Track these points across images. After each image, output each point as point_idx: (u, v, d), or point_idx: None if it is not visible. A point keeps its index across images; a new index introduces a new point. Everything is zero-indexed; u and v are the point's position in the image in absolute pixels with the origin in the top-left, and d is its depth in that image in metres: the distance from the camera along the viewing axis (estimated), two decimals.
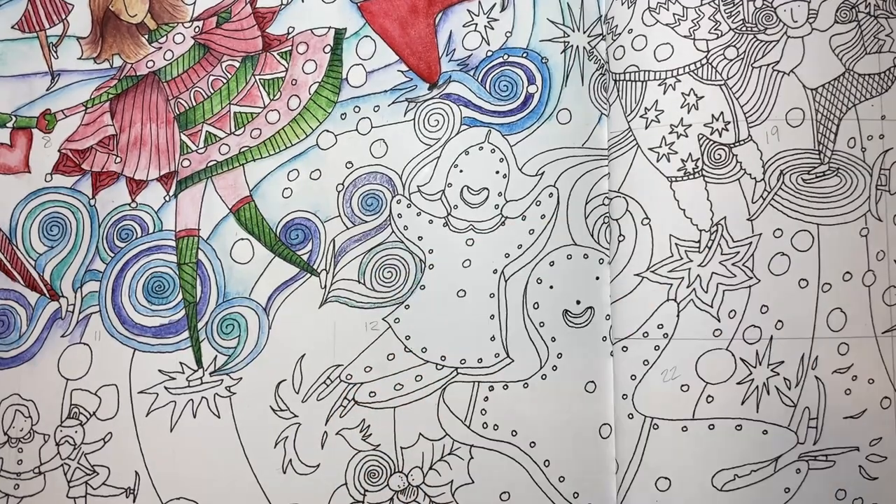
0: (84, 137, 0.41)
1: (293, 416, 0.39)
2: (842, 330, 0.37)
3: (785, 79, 0.37)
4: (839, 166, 0.37)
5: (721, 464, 0.36)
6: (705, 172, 0.37)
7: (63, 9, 0.41)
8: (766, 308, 0.37)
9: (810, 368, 0.36)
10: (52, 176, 0.41)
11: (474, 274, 0.39)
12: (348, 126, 0.40)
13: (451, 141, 0.40)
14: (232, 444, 0.39)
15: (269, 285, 0.40)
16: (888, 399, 0.36)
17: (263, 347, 0.39)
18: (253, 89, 0.40)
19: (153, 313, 0.40)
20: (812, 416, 0.36)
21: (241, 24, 0.41)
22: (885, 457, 0.36)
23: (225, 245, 0.40)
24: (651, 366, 0.37)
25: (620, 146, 0.39)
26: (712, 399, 0.36)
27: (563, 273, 0.39)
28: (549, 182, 0.39)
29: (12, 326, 0.40)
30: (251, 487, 0.39)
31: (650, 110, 0.38)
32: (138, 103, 0.41)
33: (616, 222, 0.38)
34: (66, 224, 0.40)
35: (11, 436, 0.39)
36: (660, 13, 0.38)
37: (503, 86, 0.40)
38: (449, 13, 0.40)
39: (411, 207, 0.39)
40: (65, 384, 0.40)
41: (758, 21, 0.37)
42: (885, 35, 0.37)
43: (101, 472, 0.39)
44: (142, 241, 0.40)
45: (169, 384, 0.39)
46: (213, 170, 0.40)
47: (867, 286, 0.37)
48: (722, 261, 0.37)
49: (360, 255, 0.39)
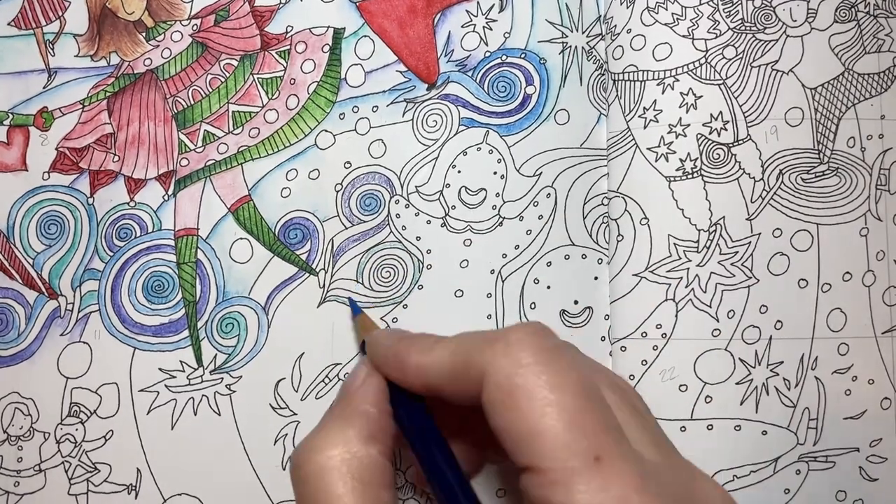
0: (82, 136, 0.40)
1: (292, 413, 0.38)
2: (841, 330, 0.36)
3: (784, 78, 0.36)
4: (839, 166, 0.36)
5: (720, 464, 0.35)
6: (704, 172, 0.36)
7: (60, 6, 0.40)
8: (765, 308, 0.36)
9: (810, 369, 0.36)
10: (50, 174, 0.40)
11: (472, 274, 0.38)
12: (347, 126, 0.39)
13: (449, 142, 0.39)
14: (232, 440, 0.38)
15: (268, 285, 0.39)
16: (888, 400, 0.36)
17: (263, 346, 0.38)
18: (251, 88, 0.40)
19: (153, 312, 0.39)
20: (812, 416, 0.36)
21: (239, 23, 0.40)
22: (886, 458, 0.36)
23: (224, 244, 0.39)
24: (649, 366, 0.36)
25: (619, 146, 0.38)
26: (711, 399, 0.36)
27: (561, 273, 0.38)
28: (546, 182, 0.39)
29: (11, 325, 0.39)
30: (251, 483, 0.38)
31: (649, 110, 0.37)
32: (136, 101, 0.40)
33: (615, 222, 0.38)
34: (65, 222, 0.40)
35: (11, 434, 0.39)
36: (658, 13, 0.37)
37: (501, 87, 0.39)
38: (447, 14, 0.39)
39: (409, 208, 0.39)
40: (65, 382, 0.39)
41: (757, 20, 0.37)
42: (884, 34, 0.37)
43: (103, 469, 0.38)
44: (141, 240, 0.39)
45: (169, 382, 0.39)
46: (211, 169, 0.40)
47: (867, 286, 0.36)
48: (721, 261, 0.36)
49: (358, 255, 0.39)
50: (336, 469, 0.26)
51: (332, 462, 0.26)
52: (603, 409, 0.24)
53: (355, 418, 0.28)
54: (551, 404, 0.23)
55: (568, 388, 0.23)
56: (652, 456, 0.25)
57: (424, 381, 0.28)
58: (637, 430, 0.25)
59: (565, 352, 0.25)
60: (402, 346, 0.29)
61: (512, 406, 0.24)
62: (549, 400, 0.23)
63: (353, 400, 0.29)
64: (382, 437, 0.28)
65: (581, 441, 0.23)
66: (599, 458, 0.22)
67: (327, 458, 0.26)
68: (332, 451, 0.26)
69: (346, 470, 0.26)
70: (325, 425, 0.28)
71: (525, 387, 0.24)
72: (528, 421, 0.23)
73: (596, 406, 0.24)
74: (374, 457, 0.27)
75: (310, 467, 0.26)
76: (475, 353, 0.25)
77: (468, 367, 0.25)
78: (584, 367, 0.25)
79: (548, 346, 0.24)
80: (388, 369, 0.29)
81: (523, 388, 0.24)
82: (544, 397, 0.23)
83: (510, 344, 0.25)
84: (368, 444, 0.27)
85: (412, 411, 0.29)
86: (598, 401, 0.24)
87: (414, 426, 0.28)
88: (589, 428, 0.23)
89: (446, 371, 0.27)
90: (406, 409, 0.29)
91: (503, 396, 0.24)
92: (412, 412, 0.29)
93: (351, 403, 0.28)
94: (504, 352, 0.24)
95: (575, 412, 0.23)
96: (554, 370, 0.24)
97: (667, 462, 0.25)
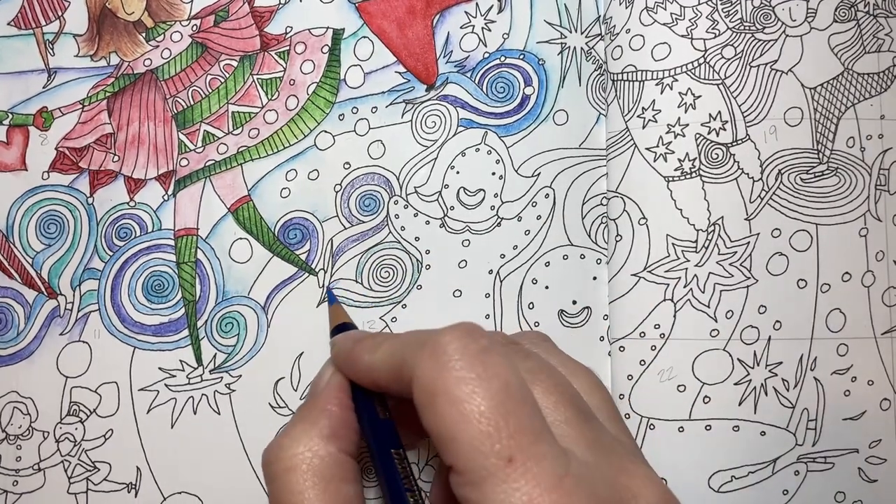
0: (81, 135, 0.40)
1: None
2: (841, 331, 0.35)
3: (783, 78, 0.36)
4: (838, 166, 0.36)
5: (718, 465, 0.35)
6: (703, 172, 0.36)
7: (59, 6, 0.40)
8: (764, 308, 0.35)
9: (809, 369, 0.35)
10: (50, 174, 0.40)
11: (470, 274, 0.38)
12: (346, 127, 0.39)
13: (447, 142, 0.38)
14: (232, 439, 0.38)
15: (267, 284, 0.38)
16: (888, 401, 0.35)
17: (262, 346, 0.38)
18: (251, 89, 0.39)
19: (153, 312, 0.39)
20: (811, 417, 0.35)
21: (238, 24, 0.40)
22: (885, 459, 0.35)
23: (224, 244, 0.39)
24: (648, 366, 0.36)
25: (618, 146, 0.37)
26: (709, 400, 0.35)
27: (560, 273, 0.38)
28: (545, 183, 0.38)
29: (10, 324, 0.39)
30: (251, 482, 0.37)
31: (647, 110, 0.37)
32: (136, 102, 0.40)
33: (613, 222, 0.37)
34: (64, 222, 0.39)
35: (10, 433, 0.38)
36: (657, 13, 0.37)
37: (500, 87, 0.39)
38: (446, 14, 0.39)
39: (408, 208, 0.38)
40: (64, 382, 0.38)
41: (756, 20, 0.36)
42: (884, 34, 0.36)
43: (103, 468, 0.38)
44: (141, 239, 0.39)
45: (169, 382, 0.38)
46: (211, 169, 0.39)
47: (866, 287, 0.35)
48: (719, 261, 0.36)
49: (357, 255, 0.38)
50: (298, 467, 0.27)
51: (295, 461, 0.27)
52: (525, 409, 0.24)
53: (319, 417, 0.29)
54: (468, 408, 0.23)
55: (486, 391, 0.24)
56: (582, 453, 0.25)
57: (372, 380, 0.29)
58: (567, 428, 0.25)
59: (492, 353, 0.25)
60: (356, 346, 0.30)
61: (434, 408, 0.24)
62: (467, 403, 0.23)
63: (318, 400, 0.30)
64: (345, 433, 0.29)
65: (494, 443, 0.23)
66: (512, 460, 0.23)
67: (291, 456, 0.28)
68: (295, 450, 0.28)
69: (307, 468, 0.27)
70: (291, 426, 0.29)
71: (446, 390, 0.24)
72: (446, 424, 0.24)
73: (514, 408, 0.24)
74: (333, 454, 0.28)
75: (277, 465, 0.28)
76: (408, 354, 0.26)
77: (402, 367, 0.26)
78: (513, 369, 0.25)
79: (473, 349, 0.24)
80: (345, 369, 0.31)
81: (444, 392, 0.24)
82: (462, 401, 0.23)
83: (436, 345, 0.25)
84: (329, 442, 0.28)
85: (368, 408, 0.30)
86: (521, 402, 0.24)
87: (367, 423, 0.30)
88: (503, 430, 0.23)
89: (388, 372, 0.27)
90: (362, 405, 0.30)
91: (427, 398, 0.24)
92: (368, 409, 0.30)
93: (316, 404, 0.30)
94: (430, 354, 0.25)
95: (489, 415, 0.23)
96: (475, 374, 0.24)
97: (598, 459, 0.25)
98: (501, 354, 0.25)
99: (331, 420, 0.29)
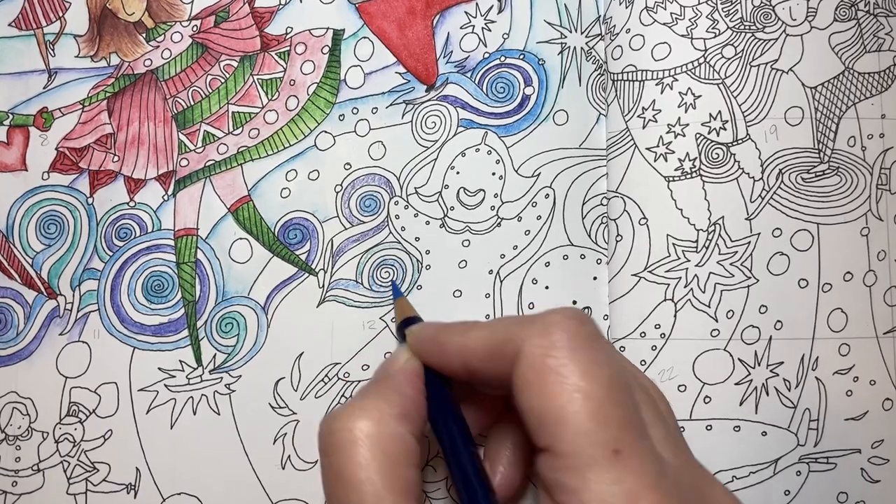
0: (81, 136, 0.39)
1: (292, 413, 0.37)
2: (842, 330, 0.34)
3: (784, 77, 0.35)
4: (839, 165, 0.35)
5: (719, 465, 0.34)
6: (703, 172, 0.35)
7: (60, 6, 0.40)
8: (764, 308, 0.35)
9: (810, 369, 0.34)
10: (50, 174, 0.39)
11: (470, 274, 0.37)
12: (346, 127, 0.38)
13: (448, 143, 0.38)
14: (232, 440, 0.37)
15: (267, 284, 0.38)
16: (890, 401, 0.34)
17: (262, 346, 0.37)
18: (251, 89, 0.39)
19: (152, 312, 0.38)
20: (812, 417, 0.34)
21: (238, 24, 0.39)
22: (888, 459, 0.34)
23: (224, 244, 0.38)
24: (648, 366, 0.35)
25: (618, 146, 0.37)
26: (710, 400, 0.34)
27: (560, 273, 0.37)
28: (545, 183, 0.37)
29: (9, 324, 0.38)
30: (251, 482, 0.37)
31: (648, 110, 0.36)
32: (136, 102, 0.39)
33: (613, 222, 0.37)
34: (64, 222, 0.39)
35: (9, 433, 0.38)
36: (657, 12, 0.36)
37: (500, 88, 0.38)
38: (446, 15, 0.38)
39: (409, 209, 0.38)
40: (63, 382, 0.38)
41: (756, 19, 0.35)
42: (884, 33, 0.35)
43: (102, 468, 0.37)
44: (140, 240, 0.38)
45: (169, 382, 0.38)
46: (211, 169, 0.39)
47: (868, 286, 0.35)
48: (720, 260, 0.35)
49: (357, 256, 0.38)
50: (365, 440, 0.25)
51: (362, 434, 0.25)
52: (629, 404, 0.24)
53: (391, 396, 0.27)
54: (579, 390, 0.23)
55: (598, 377, 0.23)
56: (671, 458, 0.24)
57: (463, 360, 0.27)
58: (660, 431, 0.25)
59: (601, 341, 0.24)
60: (442, 329, 0.29)
61: (541, 386, 0.23)
62: (578, 386, 0.23)
63: (391, 379, 0.28)
64: (415, 418, 0.27)
65: (603, 432, 0.22)
66: (618, 452, 0.22)
67: (358, 429, 0.25)
68: (362, 423, 0.25)
69: (375, 443, 0.25)
70: (360, 397, 0.27)
71: (556, 369, 0.23)
72: (554, 403, 0.23)
73: (623, 400, 0.23)
74: (404, 435, 0.26)
75: (340, 436, 0.25)
76: (513, 332, 0.25)
77: (505, 344, 0.25)
78: (616, 360, 0.24)
79: (584, 333, 0.24)
80: (429, 353, 0.29)
81: (554, 370, 0.23)
82: (574, 382, 0.23)
83: (548, 325, 0.24)
84: (400, 423, 0.26)
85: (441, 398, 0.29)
86: (626, 395, 0.24)
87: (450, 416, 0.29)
88: (613, 420, 0.22)
89: (484, 350, 0.26)
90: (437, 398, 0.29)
91: (534, 376, 0.24)
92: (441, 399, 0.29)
93: (388, 383, 0.28)
94: (541, 332, 0.24)
95: (601, 402, 0.23)
96: (587, 357, 0.23)
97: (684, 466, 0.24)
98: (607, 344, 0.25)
99: (403, 401, 0.27)
